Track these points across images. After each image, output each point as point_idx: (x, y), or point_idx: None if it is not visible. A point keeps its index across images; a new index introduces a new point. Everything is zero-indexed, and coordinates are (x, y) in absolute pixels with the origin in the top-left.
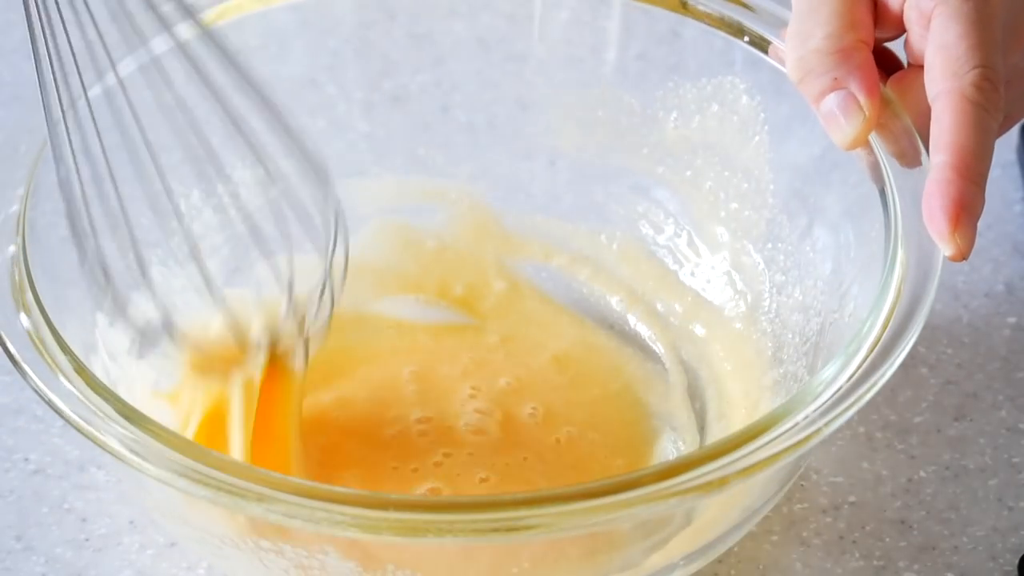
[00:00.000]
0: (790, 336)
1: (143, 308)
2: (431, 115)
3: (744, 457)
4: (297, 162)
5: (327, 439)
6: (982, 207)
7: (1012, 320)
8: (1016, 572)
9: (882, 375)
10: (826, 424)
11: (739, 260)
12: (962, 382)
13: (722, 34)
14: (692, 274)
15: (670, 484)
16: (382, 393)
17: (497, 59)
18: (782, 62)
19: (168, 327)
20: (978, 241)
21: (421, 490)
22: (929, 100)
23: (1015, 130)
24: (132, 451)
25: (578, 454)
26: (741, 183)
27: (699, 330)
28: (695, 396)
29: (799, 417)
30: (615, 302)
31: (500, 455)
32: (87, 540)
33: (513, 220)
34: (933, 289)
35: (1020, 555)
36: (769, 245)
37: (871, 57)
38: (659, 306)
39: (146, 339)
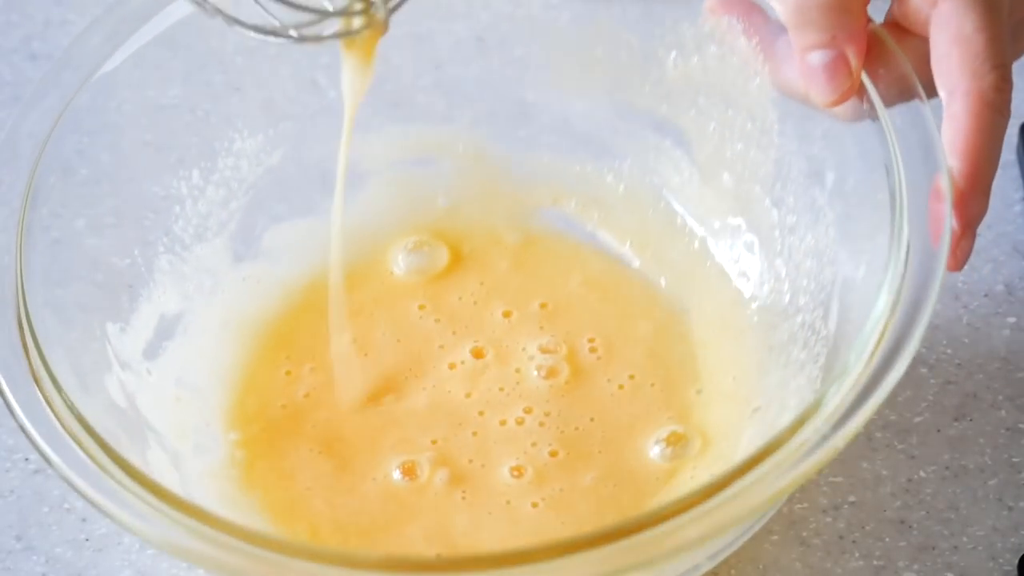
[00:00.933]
0: (805, 282)
1: None
2: (427, 66)
3: (741, 493)
4: None
5: (375, 374)
6: (985, 213)
7: (1012, 320)
8: (1016, 572)
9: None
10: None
11: (748, 202)
12: (962, 382)
13: None
14: (701, 216)
15: (668, 528)
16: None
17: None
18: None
19: None
20: (978, 241)
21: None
22: (940, 93)
23: (1015, 130)
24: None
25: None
26: (745, 123)
27: (710, 273)
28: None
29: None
30: (626, 248)
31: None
32: (87, 540)
33: (519, 165)
34: (935, 294)
35: (1020, 555)
36: (778, 185)
37: (867, 24)
38: (669, 251)
39: None
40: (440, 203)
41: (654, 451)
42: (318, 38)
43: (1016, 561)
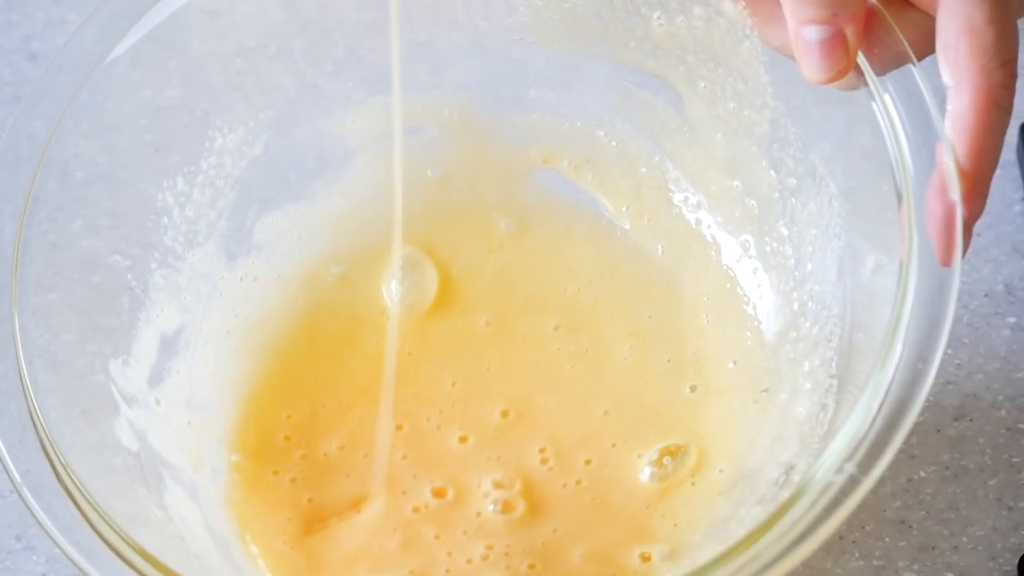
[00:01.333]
0: (810, 249)
1: None
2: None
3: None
4: None
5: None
6: (982, 212)
7: (1012, 320)
8: (1016, 572)
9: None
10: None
11: (744, 163)
12: (962, 382)
13: None
14: (696, 177)
15: None
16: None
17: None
18: None
19: None
20: (978, 241)
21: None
22: (945, 81)
23: (1015, 130)
24: None
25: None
26: (737, 83)
27: (707, 243)
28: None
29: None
30: (622, 211)
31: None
32: None
33: (508, 126)
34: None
35: (1020, 555)
36: (775, 147)
37: (867, 5)
38: (664, 219)
39: None
40: (430, 175)
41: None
42: None
43: (1016, 561)
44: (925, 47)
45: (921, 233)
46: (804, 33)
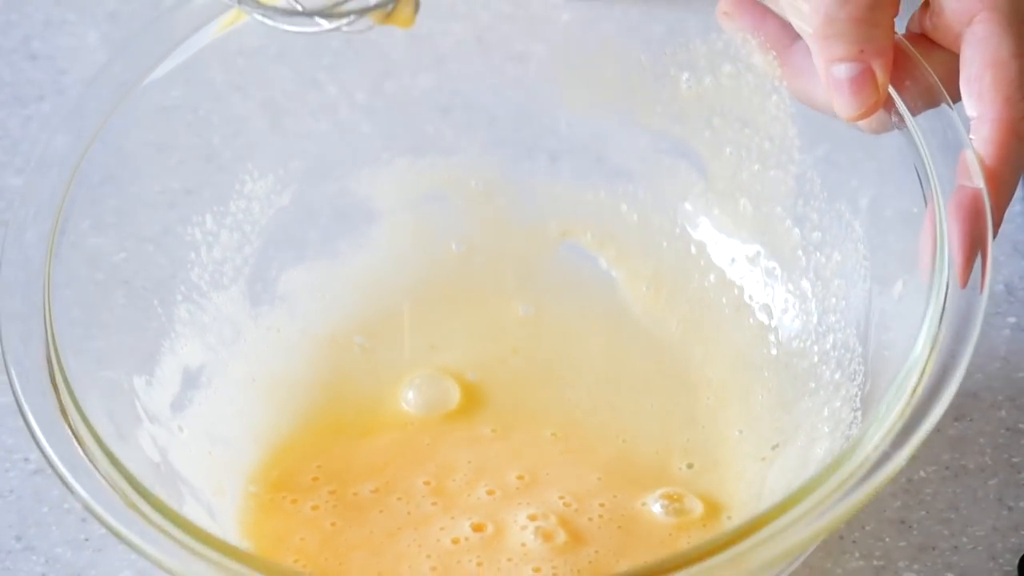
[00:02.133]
0: (834, 300)
1: None
2: (433, 96)
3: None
4: None
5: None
6: (996, 236)
7: (1012, 320)
8: (1016, 572)
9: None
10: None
11: (768, 225)
12: (962, 382)
13: None
14: (718, 245)
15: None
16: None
17: (500, 54)
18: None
19: None
20: None
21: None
22: (969, 113)
23: None
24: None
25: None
26: (763, 142)
27: (726, 309)
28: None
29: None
30: (640, 292)
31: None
32: (87, 540)
33: (531, 195)
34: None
35: (1020, 555)
36: (800, 202)
37: (894, 38)
38: (684, 289)
39: None
40: (454, 249)
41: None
42: (345, 17)
43: (1016, 561)
44: (952, 85)
45: (947, 253)
46: (834, 72)
